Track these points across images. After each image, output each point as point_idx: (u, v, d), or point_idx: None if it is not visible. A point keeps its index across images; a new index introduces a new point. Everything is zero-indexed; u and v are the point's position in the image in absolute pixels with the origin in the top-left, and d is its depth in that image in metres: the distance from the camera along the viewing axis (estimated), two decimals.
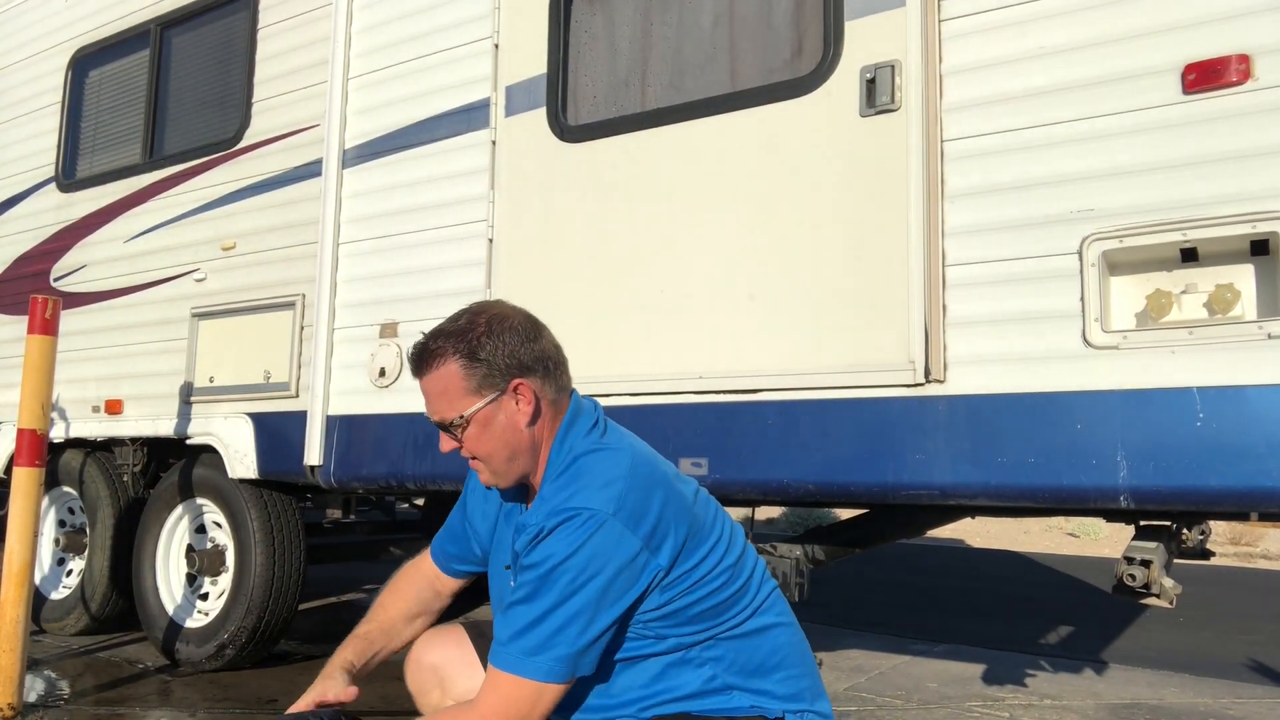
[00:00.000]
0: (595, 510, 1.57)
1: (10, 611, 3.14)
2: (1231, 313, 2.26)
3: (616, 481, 1.61)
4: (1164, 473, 2.26)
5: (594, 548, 1.55)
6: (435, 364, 1.70)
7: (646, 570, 1.59)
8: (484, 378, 1.69)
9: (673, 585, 1.62)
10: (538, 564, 1.58)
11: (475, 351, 1.69)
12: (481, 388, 1.69)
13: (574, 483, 1.63)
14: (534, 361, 1.72)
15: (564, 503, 1.60)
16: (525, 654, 1.55)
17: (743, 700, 1.68)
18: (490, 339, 1.70)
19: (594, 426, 1.76)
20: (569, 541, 1.56)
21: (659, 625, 1.64)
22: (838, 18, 2.79)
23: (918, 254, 2.60)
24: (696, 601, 1.65)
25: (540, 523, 1.60)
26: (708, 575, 1.66)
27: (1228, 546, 10.88)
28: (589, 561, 1.55)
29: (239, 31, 4.31)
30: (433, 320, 3.53)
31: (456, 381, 1.68)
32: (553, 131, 3.31)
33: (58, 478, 4.78)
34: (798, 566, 2.99)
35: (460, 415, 1.69)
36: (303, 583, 4.10)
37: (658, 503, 1.63)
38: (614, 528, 1.56)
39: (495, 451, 1.72)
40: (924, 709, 3.81)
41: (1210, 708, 4.01)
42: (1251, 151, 2.24)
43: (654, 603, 1.62)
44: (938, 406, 2.55)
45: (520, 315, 1.77)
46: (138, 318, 4.47)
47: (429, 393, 1.73)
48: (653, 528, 1.60)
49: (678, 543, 1.63)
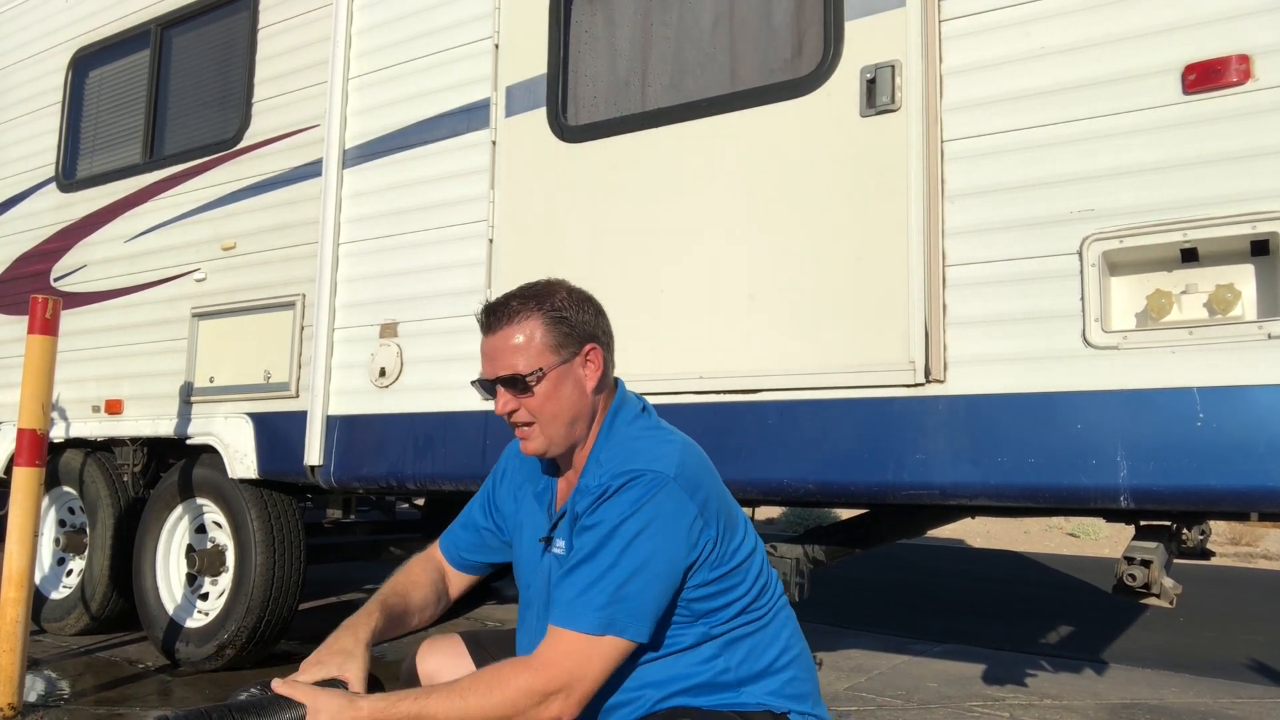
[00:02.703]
0: (659, 472, 1.62)
1: (10, 611, 3.14)
2: (1231, 313, 2.26)
3: (674, 452, 1.68)
4: (1164, 472, 2.26)
5: (657, 507, 1.60)
6: (516, 319, 1.73)
7: (702, 537, 1.65)
8: (564, 336, 1.74)
9: (718, 564, 1.68)
10: (601, 522, 1.62)
11: (559, 311, 1.75)
12: (560, 346, 1.74)
13: (633, 450, 1.69)
14: (602, 334, 1.81)
15: (625, 464, 1.65)
16: (587, 609, 1.58)
17: (750, 697, 1.71)
18: (571, 304, 1.77)
19: (643, 411, 1.84)
20: (633, 500, 1.60)
21: (698, 604, 1.68)
22: (838, 18, 2.79)
23: (918, 254, 2.60)
24: (732, 587, 1.70)
25: (605, 483, 1.64)
26: (741, 564, 1.72)
27: (1228, 546, 10.88)
28: (652, 520, 1.60)
29: (239, 32, 4.31)
30: (433, 320, 3.59)
31: (537, 337, 1.73)
32: (553, 131, 3.31)
33: (58, 478, 4.78)
34: (798, 566, 3.00)
35: (540, 368, 1.72)
36: (303, 583, 4.10)
37: (708, 479, 1.71)
38: (674, 491, 1.62)
39: (560, 413, 1.75)
40: (924, 709, 3.81)
41: (1210, 708, 4.01)
42: (1251, 151, 2.24)
43: (699, 579, 1.66)
44: (938, 406, 2.55)
45: (588, 292, 1.85)
46: (138, 318, 4.47)
47: (500, 349, 1.74)
48: (705, 499, 1.66)
49: (721, 522, 1.70)
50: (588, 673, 1.57)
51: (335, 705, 1.57)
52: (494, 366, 1.75)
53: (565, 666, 1.56)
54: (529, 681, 1.55)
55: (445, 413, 3.43)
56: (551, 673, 1.55)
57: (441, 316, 3.50)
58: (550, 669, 1.56)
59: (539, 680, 1.55)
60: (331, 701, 1.58)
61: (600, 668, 1.58)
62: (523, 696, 1.54)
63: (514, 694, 1.54)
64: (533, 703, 1.54)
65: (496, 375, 1.74)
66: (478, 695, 1.55)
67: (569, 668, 1.56)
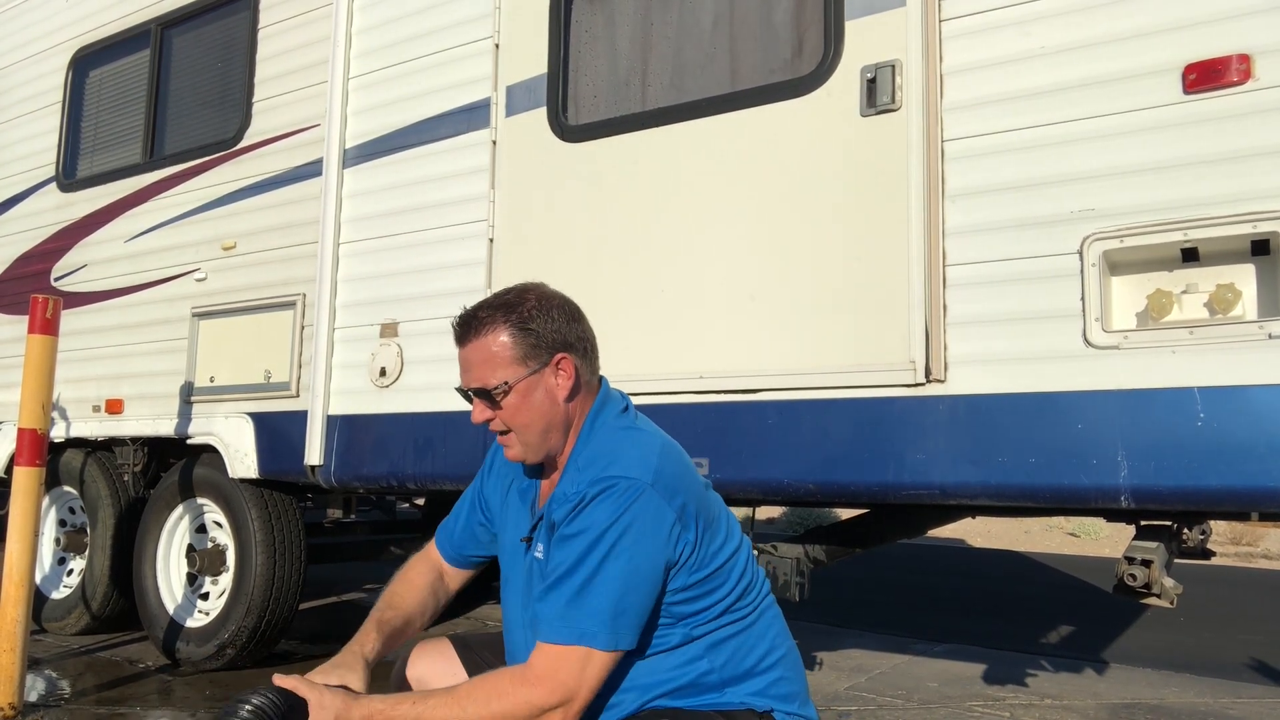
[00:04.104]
0: (635, 479, 1.62)
1: (11, 611, 3.14)
2: (1232, 313, 2.26)
3: (651, 456, 1.67)
4: (1164, 472, 2.26)
5: (635, 514, 1.60)
6: (483, 331, 1.73)
7: (680, 541, 1.65)
8: (530, 348, 1.73)
9: (698, 568, 1.67)
10: (581, 532, 1.62)
11: (525, 322, 1.73)
12: (527, 358, 1.73)
13: (610, 455, 1.68)
14: (576, 340, 1.78)
15: (602, 471, 1.64)
16: (577, 623, 1.58)
17: (734, 697, 1.72)
18: (539, 313, 1.75)
19: (624, 411, 1.82)
20: (611, 509, 1.60)
21: (678, 607, 1.68)
22: (838, 17, 2.79)
23: (918, 254, 2.60)
24: (714, 590, 1.70)
25: (581, 491, 1.64)
26: (723, 566, 1.71)
27: (1228, 546, 10.88)
28: (630, 527, 1.59)
29: (239, 31, 4.31)
30: (433, 320, 3.59)
31: (504, 349, 1.72)
32: (553, 131, 3.31)
33: (58, 477, 4.78)
34: (798, 566, 3.00)
35: (505, 382, 1.72)
36: (303, 583, 4.10)
37: (686, 483, 1.69)
38: (652, 497, 1.61)
39: (532, 423, 1.74)
40: (924, 709, 3.81)
41: (1210, 708, 4.01)
42: (1252, 151, 2.24)
43: (679, 583, 1.66)
44: (938, 406, 2.55)
45: (563, 297, 1.83)
46: (138, 317, 4.47)
47: (472, 361, 1.75)
48: (683, 504, 1.66)
49: (700, 524, 1.69)
50: (584, 684, 1.58)
51: (338, 702, 1.61)
52: (467, 378, 1.76)
53: (561, 680, 1.56)
54: (528, 696, 1.56)
55: (446, 413, 3.43)
56: (548, 687, 1.56)
57: (442, 316, 3.49)
58: (546, 684, 1.56)
59: (537, 695, 1.56)
60: (335, 699, 1.61)
61: (596, 679, 1.59)
62: (521, 710, 1.56)
63: (512, 707, 1.56)
64: (531, 716, 1.56)
65: (469, 387, 1.75)
66: (475, 705, 1.56)
67: (564, 681, 1.56)
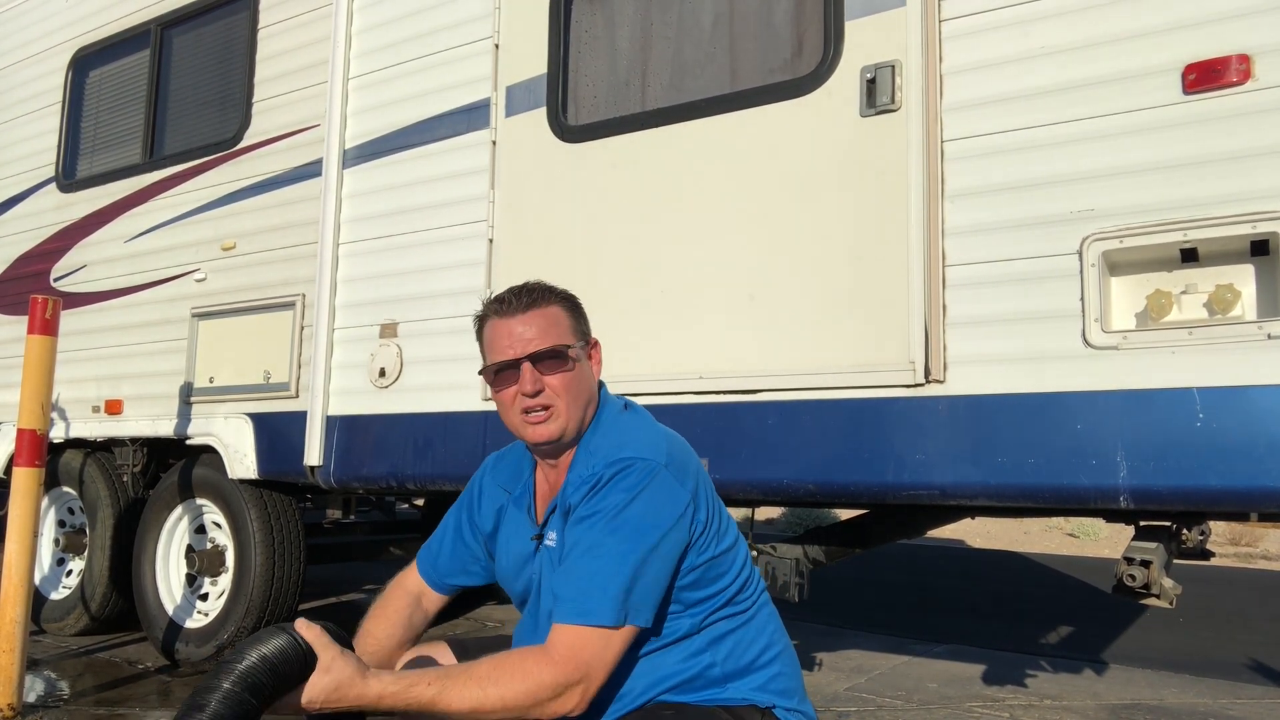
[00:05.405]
0: (649, 460, 1.67)
1: (10, 611, 3.14)
2: (1231, 313, 2.26)
3: (660, 440, 1.73)
4: (1164, 473, 2.26)
5: (651, 494, 1.64)
6: (543, 303, 1.79)
7: (695, 520, 1.69)
8: (580, 326, 1.83)
9: (705, 549, 1.70)
10: (598, 511, 1.64)
11: (572, 301, 1.85)
12: (578, 332, 1.82)
13: (621, 439, 1.74)
14: None
15: (616, 454, 1.69)
16: (600, 600, 1.58)
17: (736, 693, 1.73)
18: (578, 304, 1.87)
19: (625, 408, 1.88)
20: (628, 488, 1.64)
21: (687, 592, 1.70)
22: (838, 18, 2.79)
23: (918, 254, 2.60)
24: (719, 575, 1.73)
25: (598, 473, 1.68)
26: (727, 551, 1.75)
27: (1228, 546, 10.88)
28: (647, 506, 1.63)
29: (239, 32, 4.31)
30: (433, 320, 3.59)
31: (564, 319, 1.80)
32: (553, 131, 3.31)
33: (58, 478, 4.78)
34: (798, 566, 3.00)
35: (570, 345, 1.77)
36: (303, 583, 4.10)
37: (694, 467, 1.75)
38: (666, 478, 1.66)
39: (580, 394, 1.78)
40: (924, 709, 3.81)
41: (1210, 708, 4.01)
42: (1251, 151, 2.24)
43: (689, 561, 1.69)
44: (938, 407, 2.55)
45: None
46: (138, 318, 4.47)
47: (531, 326, 1.76)
48: (695, 486, 1.71)
49: (710, 508, 1.74)
50: (604, 662, 1.58)
51: (346, 672, 1.55)
52: (523, 345, 1.74)
53: (584, 658, 1.57)
54: (551, 675, 1.55)
55: (445, 413, 3.43)
56: (570, 665, 1.56)
57: (442, 317, 3.50)
58: (568, 662, 1.56)
59: (560, 673, 1.56)
60: (345, 667, 1.55)
61: (615, 656, 1.60)
62: (544, 689, 1.55)
63: (535, 686, 1.55)
64: (553, 695, 1.56)
65: (529, 352, 1.74)
66: (497, 686, 1.55)
67: (587, 659, 1.57)
